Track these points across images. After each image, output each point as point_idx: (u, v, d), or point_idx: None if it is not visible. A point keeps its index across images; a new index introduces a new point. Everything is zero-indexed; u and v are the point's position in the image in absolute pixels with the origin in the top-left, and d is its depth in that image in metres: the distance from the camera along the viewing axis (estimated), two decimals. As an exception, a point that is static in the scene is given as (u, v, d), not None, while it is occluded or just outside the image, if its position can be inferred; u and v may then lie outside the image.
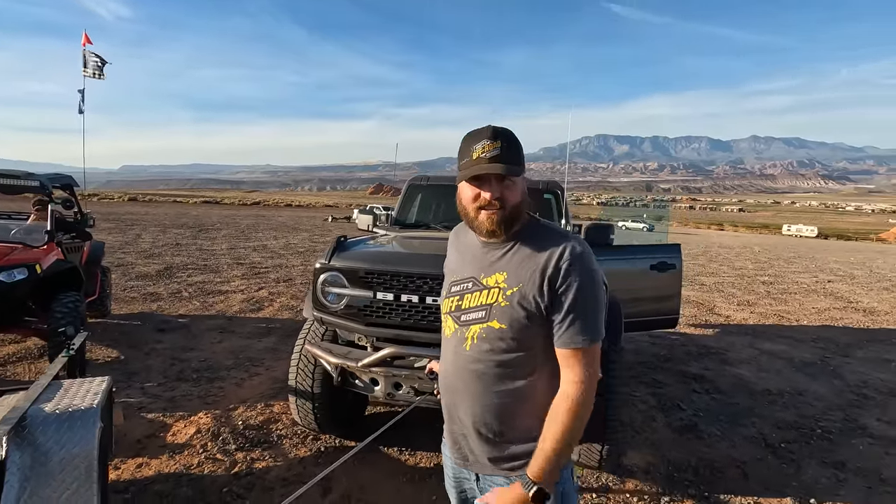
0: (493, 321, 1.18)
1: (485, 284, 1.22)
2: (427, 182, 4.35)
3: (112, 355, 4.74)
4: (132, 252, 11.78)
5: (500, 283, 1.19)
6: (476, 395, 1.22)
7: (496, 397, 1.20)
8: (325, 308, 2.76)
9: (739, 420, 3.94)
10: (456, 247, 1.38)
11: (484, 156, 1.14)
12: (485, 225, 1.19)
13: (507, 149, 1.15)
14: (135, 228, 18.38)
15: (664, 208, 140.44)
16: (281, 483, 2.76)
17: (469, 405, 1.24)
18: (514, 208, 1.18)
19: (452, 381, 1.28)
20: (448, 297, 1.31)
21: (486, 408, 1.21)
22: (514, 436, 1.22)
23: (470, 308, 1.23)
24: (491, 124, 1.20)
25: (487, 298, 1.20)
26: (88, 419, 1.71)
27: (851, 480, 3.12)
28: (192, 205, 50.22)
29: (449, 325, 1.29)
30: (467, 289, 1.26)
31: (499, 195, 1.16)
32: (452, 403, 1.29)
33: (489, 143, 1.15)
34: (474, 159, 1.15)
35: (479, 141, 1.16)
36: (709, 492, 2.90)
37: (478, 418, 1.23)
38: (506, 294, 1.17)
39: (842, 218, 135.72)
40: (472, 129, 1.21)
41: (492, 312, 1.19)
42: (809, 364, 5.51)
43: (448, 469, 1.42)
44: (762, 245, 28.75)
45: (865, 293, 11.18)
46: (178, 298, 7.28)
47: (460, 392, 1.26)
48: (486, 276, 1.22)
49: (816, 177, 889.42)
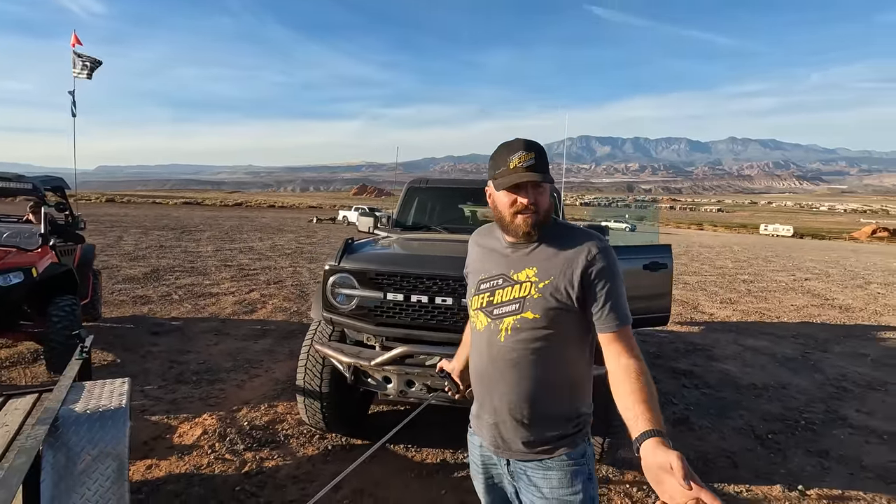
0: (527, 312, 1.28)
1: (516, 280, 1.32)
2: (426, 185, 4.43)
3: (108, 359, 4.70)
4: (115, 255, 11.60)
5: (531, 278, 1.30)
6: (512, 383, 1.31)
7: (531, 383, 1.30)
8: (335, 309, 2.82)
9: (728, 413, 4.10)
10: (480, 248, 1.47)
11: (521, 165, 1.26)
12: (521, 228, 1.30)
13: (539, 159, 1.27)
14: (115, 230, 18.06)
15: (645, 209, 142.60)
16: (292, 481, 2.81)
17: (504, 393, 1.33)
18: (546, 212, 1.30)
19: (487, 371, 1.36)
20: (477, 294, 1.39)
21: (522, 394, 1.31)
22: (547, 420, 1.32)
23: (503, 302, 1.33)
24: (519, 137, 1.33)
25: (520, 292, 1.30)
26: (119, 418, 1.75)
27: (835, 468, 3.29)
28: (172, 206, 49.37)
29: (481, 319, 1.38)
30: (497, 285, 1.35)
31: (534, 200, 1.28)
32: (486, 393, 1.38)
33: (525, 153, 1.26)
34: (512, 168, 1.27)
35: (516, 152, 1.27)
36: (703, 481, 3.03)
37: (513, 405, 1.31)
38: (538, 287, 1.28)
39: (816, 218, 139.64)
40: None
41: (525, 304, 1.29)
42: (791, 359, 5.73)
43: (475, 457, 1.49)
44: (741, 244, 29.48)
45: (840, 290, 11.60)
46: (168, 301, 7.22)
47: (495, 381, 1.34)
48: (517, 272, 1.33)
49: (791, 178, 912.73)
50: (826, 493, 2.97)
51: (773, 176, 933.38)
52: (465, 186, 4.64)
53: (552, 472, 1.32)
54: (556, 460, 1.31)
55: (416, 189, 4.42)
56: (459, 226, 4.22)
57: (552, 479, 1.32)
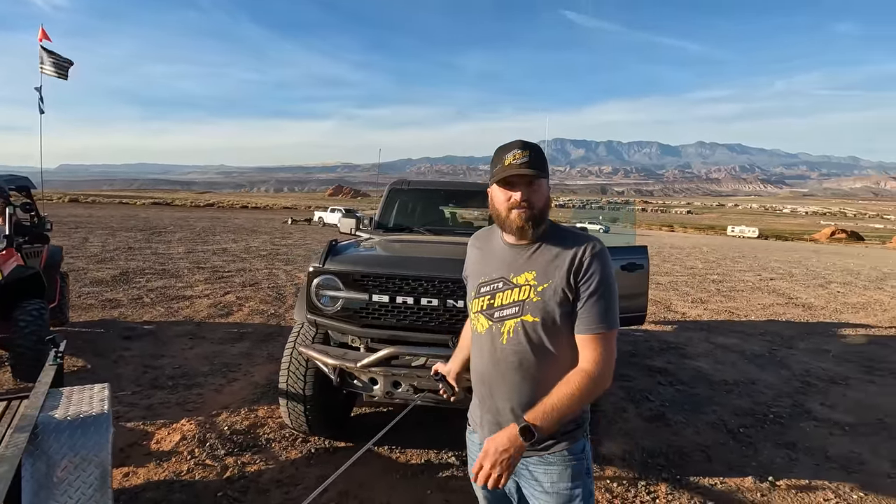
0: (527, 315, 1.31)
1: (515, 283, 1.34)
2: (408, 187, 4.44)
3: (77, 364, 4.55)
4: (81, 257, 11.19)
5: (530, 281, 1.32)
6: (514, 384, 1.35)
7: (533, 384, 1.33)
8: (319, 311, 2.81)
9: (701, 408, 4.24)
10: (480, 251, 1.50)
11: (515, 162, 1.29)
12: (515, 223, 1.32)
13: (534, 157, 1.30)
14: (80, 231, 17.42)
15: (618, 210, 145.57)
16: (275, 485, 2.78)
17: (507, 393, 1.36)
18: (541, 209, 1.33)
19: (489, 372, 1.39)
20: (478, 297, 1.42)
21: (524, 395, 1.34)
22: None
23: (503, 305, 1.35)
24: (519, 139, 1.36)
25: (520, 295, 1.33)
26: (101, 424, 1.71)
27: (802, 459, 3.45)
28: (140, 206, 47.91)
29: (481, 322, 1.40)
30: (498, 288, 1.37)
31: (526, 197, 1.31)
32: (488, 393, 1.41)
33: (520, 151, 1.30)
34: (506, 165, 1.30)
35: (511, 150, 1.31)
36: (680, 475, 3.14)
37: (516, 405, 1.34)
38: (537, 290, 1.31)
39: (779, 219, 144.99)
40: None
41: (525, 307, 1.32)
42: (759, 356, 5.96)
43: (473, 454, 1.53)
44: (710, 245, 30.40)
45: (803, 290, 12.10)
46: (139, 304, 7.02)
47: (497, 382, 1.37)
48: (516, 275, 1.35)
49: (756, 181, 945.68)
50: (794, 484, 3.10)
51: (740, 179, 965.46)
52: (446, 188, 4.67)
53: (553, 467, 1.36)
54: (557, 455, 1.35)
55: (397, 191, 4.43)
56: (441, 227, 4.25)
57: (553, 474, 1.36)
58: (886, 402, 4.58)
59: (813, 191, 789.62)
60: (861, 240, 54.46)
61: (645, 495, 2.88)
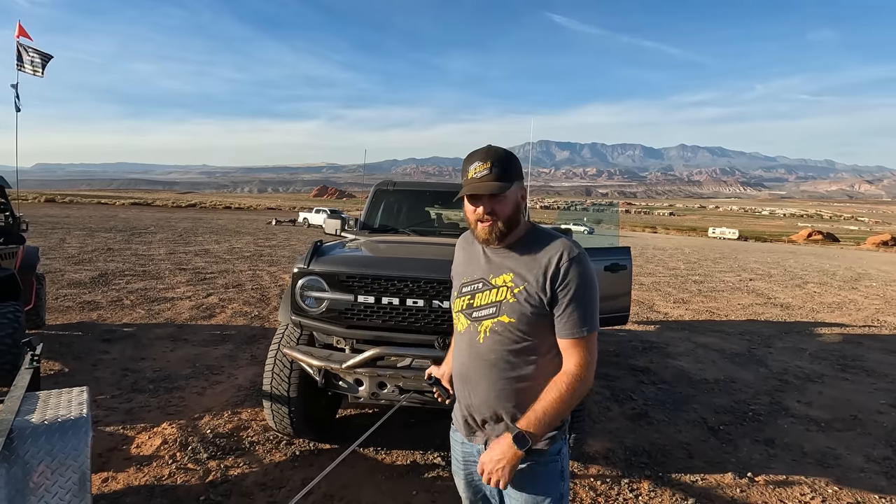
0: (503, 316, 1.34)
1: (494, 284, 1.37)
2: (393, 188, 4.44)
3: (55, 368, 4.44)
4: (58, 258, 10.93)
5: (507, 283, 1.35)
6: (491, 381, 1.37)
7: (509, 383, 1.36)
8: (304, 312, 2.79)
9: (683, 407, 4.31)
10: (465, 252, 1.52)
11: (476, 176, 1.31)
12: (480, 236, 1.38)
13: (496, 168, 1.30)
14: (57, 232, 17.01)
15: (602, 212, 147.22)
16: (259, 488, 2.76)
17: (484, 391, 1.39)
18: (506, 219, 1.34)
19: (468, 370, 1.42)
20: (459, 297, 1.45)
21: (501, 393, 1.36)
22: None
23: (481, 305, 1.39)
24: (488, 145, 1.36)
25: (497, 296, 1.36)
26: (80, 429, 1.68)
27: (780, 455, 3.53)
28: (119, 206, 46.92)
29: (462, 321, 1.44)
30: (478, 289, 1.41)
31: (490, 210, 1.32)
32: (467, 392, 1.44)
33: (480, 164, 1.31)
34: (469, 179, 1.33)
35: (473, 163, 1.33)
36: (662, 472, 3.19)
37: (493, 402, 1.37)
38: (513, 292, 1.33)
39: (758, 221, 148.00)
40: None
41: (501, 308, 1.34)
42: (739, 355, 6.08)
43: (457, 453, 1.55)
44: (692, 246, 30.91)
45: (781, 290, 12.37)
46: (119, 307, 6.88)
47: (475, 381, 1.40)
48: (495, 276, 1.38)
49: (737, 183, 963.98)
50: (772, 479, 3.18)
51: (720, 182, 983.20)
52: (432, 189, 4.68)
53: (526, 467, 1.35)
54: (534, 455, 1.35)
55: (383, 192, 4.42)
56: (427, 228, 4.25)
57: (527, 474, 1.36)
58: (860, 399, 4.71)
59: (791, 193, 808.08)
60: (836, 241, 55.92)
61: (628, 493, 2.92)
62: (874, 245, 49.33)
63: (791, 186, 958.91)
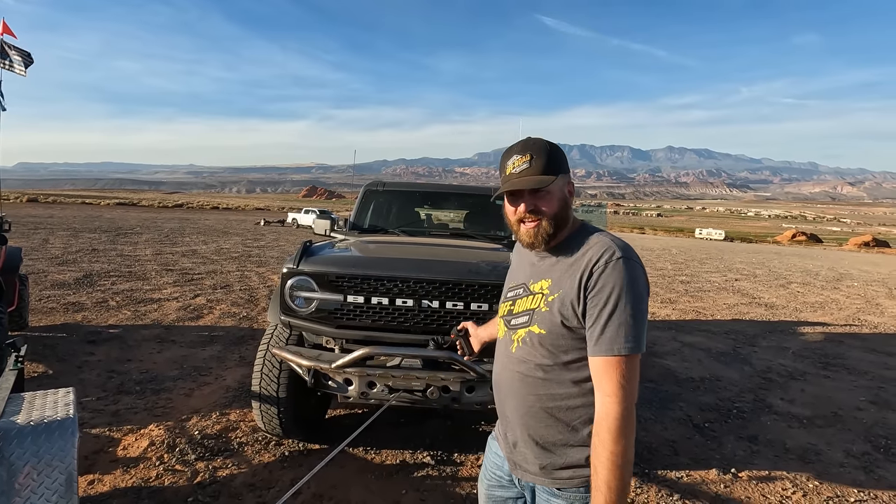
0: (535, 326, 1.20)
1: (532, 290, 1.24)
2: (383, 188, 4.45)
3: (38, 370, 4.37)
4: (41, 259, 10.75)
5: (543, 290, 1.21)
6: (520, 396, 1.23)
7: (538, 400, 1.20)
8: (293, 312, 2.79)
9: (669, 405, 4.38)
10: (518, 255, 1.40)
11: (515, 171, 1.17)
12: (524, 238, 1.22)
13: (536, 160, 1.16)
14: (40, 232, 16.72)
15: (591, 213, 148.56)
16: (248, 489, 2.75)
17: (514, 405, 1.25)
18: (553, 217, 1.18)
19: (501, 379, 1.31)
20: (503, 302, 1.35)
21: (529, 410, 1.22)
22: (555, 445, 1.20)
23: (519, 313, 1.26)
24: (527, 137, 1.22)
25: (532, 303, 1.22)
26: (66, 430, 1.66)
27: (763, 451, 3.60)
28: (104, 206, 46.27)
29: (501, 328, 1.33)
30: (518, 294, 1.29)
31: (533, 207, 1.18)
32: (501, 401, 1.32)
33: (519, 157, 1.17)
34: (507, 175, 1.19)
35: (511, 157, 1.19)
36: (648, 469, 3.23)
37: (522, 419, 1.24)
38: (547, 300, 1.18)
39: (744, 222, 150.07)
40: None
41: (534, 317, 1.20)
42: (724, 353, 6.18)
43: (488, 461, 1.42)
44: (679, 247, 31.27)
45: (766, 290, 12.58)
46: (104, 308, 6.79)
47: (506, 391, 1.28)
48: (534, 282, 1.24)
49: (723, 185, 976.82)
50: (755, 475, 3.24)
51: (707, 183, 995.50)
52: (421, 190, 4.70)
53: (559, 501, 1.20)
54: (568, 492, 1.19)
55: (373, 192, 4.43)
56: (416, 229, 4.27)
57: None
58: (840, 396, 4.82)
59: (775, 195, 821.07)
60: (819, 242, 56.99)
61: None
62: (856, 246, 50.37)
63: (776, 188, 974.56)
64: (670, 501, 2.87)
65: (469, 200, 4.56)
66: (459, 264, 2.81)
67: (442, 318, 2.64)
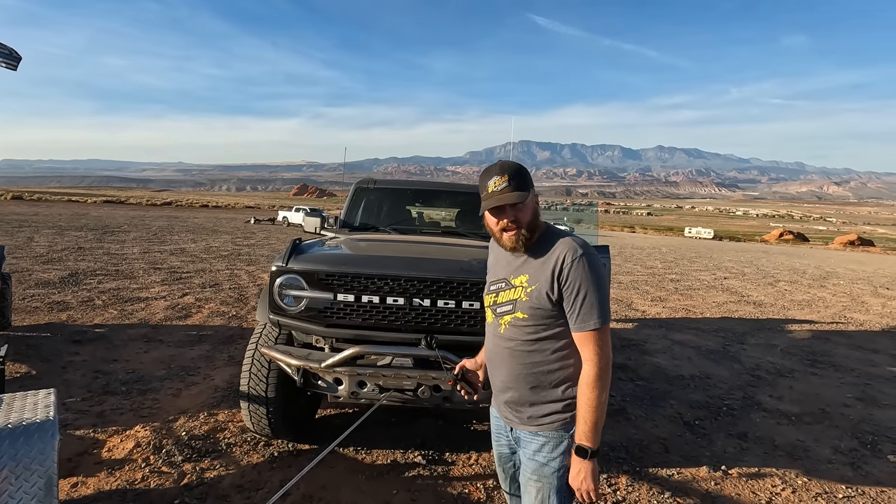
0: (518, 312, 1.53)
1: (513, 284, 1.56)
2: (374, 186, 4.40)
3: (21, 370, 4.28)
4: (26, 257, 10.56)
5: (522, 283, 1.52)
6: (509, 367, 1.58)
7: (523, 368, 1.55)
8: (283, 311, 2.75)
9: (659, 402, 4.39)
10: (494, 253, 1.71)
11: (496, 189, 1.46)
12: (507, 244, 1.54)
13: (513, 180, 1.46)
14: (24, 230, 16.42)
15: (582, 212, 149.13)
16: (236, 490, 2.71)
17: (504, 374, 1.60)
18: (528, 225, 1.50)
19: (493, 355, 1.65)
20: (488, 293, 1.66)
21: (518, 376, 1.56)
22: (540, 400, 1.55)
23: (503, 303, 1.58)
24: (500, 160, 1.54)
25: (514, 295, 1.54)
26: (46, 432, 1.62)
27: (752, 448, 3.62)
28: (91, 204, 45.58)
29: (489, 315, 1.65)
30: (501, 288, 1.60)
31: (513, 218, 1.48)
32: (494, 373, 1.66)
33: (498, 178, 1.46)
34: (490, 192, 1.47)
35: (491, 177, 1.48)
36: (639, 467, 3.24)
37: (512, 384, 1.58)
38: (527, 291, 1.51)
39: (732, 221, 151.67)
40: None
41: (517, 306, 1.53)
42: (713, 351, 6.22)
43: (493, 427, 1.78)
44: (668, 246, 31.51)
45: (754, 288, 12.70)
46: (90, 307, 6.68)
47: (498, 364, 1.62)
48: (514, 277, 1.56)
49: (712, 184, 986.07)
50: (745, 472, 3.26)
51: (696, 182, 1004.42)
52: (413, 188, 4.66)
53: (540, 439, 1.55)
54: (547, 432, 1.54)
55: (363, 190, 4.38)
56: (408, 227, 4.23)
57: (537, 444, 1.55)
58: (828, 393, 4.87)
59: (763, 194, 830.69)
60: (806, 241, 57.74)
61: (606, 487, 2.96)
62: (841, 245, 51.12)
63: (763, 188, 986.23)
64: (662, 499, 2.88)
65: (460, 198, 4.53)
66: (451, 262, 2.78)
67: (433, 316, 2.61)
